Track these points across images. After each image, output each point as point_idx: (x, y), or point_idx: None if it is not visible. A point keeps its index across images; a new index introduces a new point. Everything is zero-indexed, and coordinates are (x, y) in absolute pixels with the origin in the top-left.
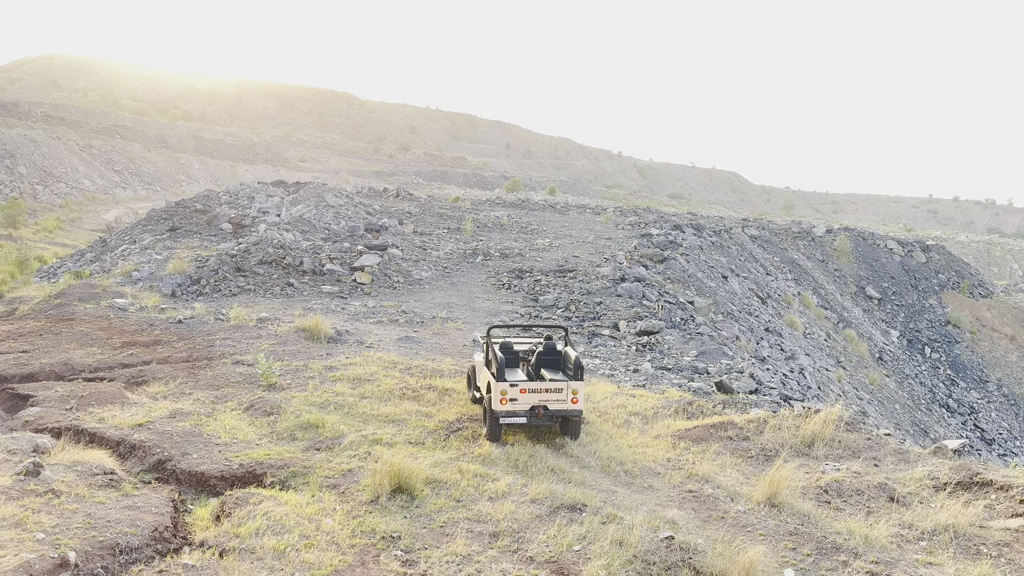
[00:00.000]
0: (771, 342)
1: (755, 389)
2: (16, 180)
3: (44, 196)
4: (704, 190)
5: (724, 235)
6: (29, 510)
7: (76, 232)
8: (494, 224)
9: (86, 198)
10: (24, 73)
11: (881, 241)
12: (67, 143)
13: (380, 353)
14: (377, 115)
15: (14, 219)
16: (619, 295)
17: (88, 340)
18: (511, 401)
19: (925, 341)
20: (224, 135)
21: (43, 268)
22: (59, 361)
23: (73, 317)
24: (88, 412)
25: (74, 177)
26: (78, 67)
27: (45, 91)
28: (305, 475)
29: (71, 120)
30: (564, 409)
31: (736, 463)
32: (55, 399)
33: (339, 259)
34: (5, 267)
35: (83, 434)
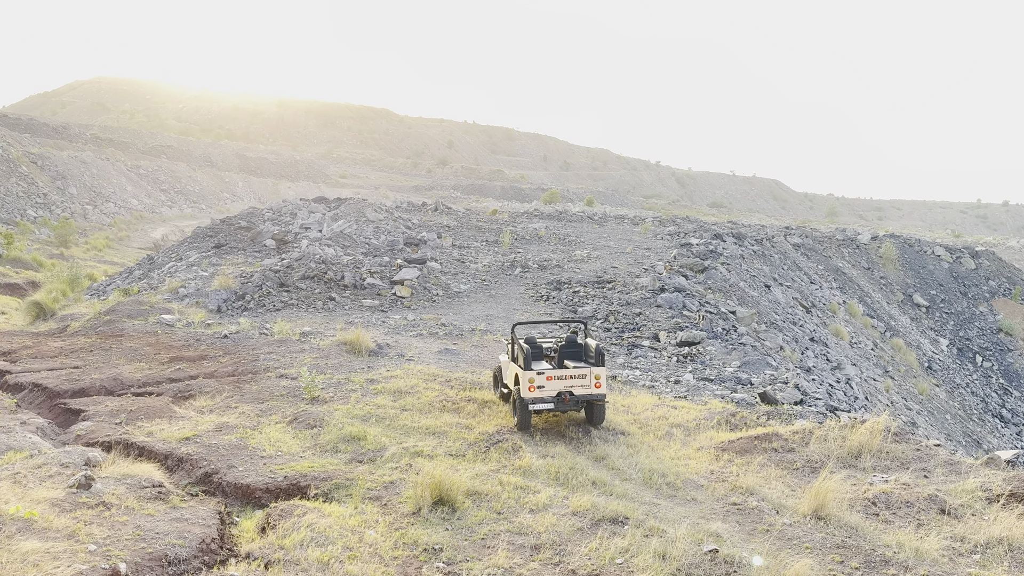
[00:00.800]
0: (816, 352)
1: (800, 400)
2: (67, 201)
3: (94, 216)
4: (745, 198)
5: (766, 244)
6: (81, 522)
7: (124, 250)
8: (532, 236)
9: (134, 217)
10: (74, 97)
11: (928, 248)
12: (115, 164)
13: (420, 366)
14: (415, 130)
15: (65, 238)
16: (659, 306)
17: (137, 355)
18: (539, 388)
19: (976, 350)
20: (267, 153)
21: (93, 286)
22: (109, 376)
23: (122, 333)
24: (137, 426)
25: (122, 197)
26: (125, 89)
27: (94, 114)
28: (348, 487)
29: (119, 141)
30: (588, 394)
31: (781, 475)
32: (105, 414)
33: (379, 273)
34: (57, 285)
35: (132, 448)
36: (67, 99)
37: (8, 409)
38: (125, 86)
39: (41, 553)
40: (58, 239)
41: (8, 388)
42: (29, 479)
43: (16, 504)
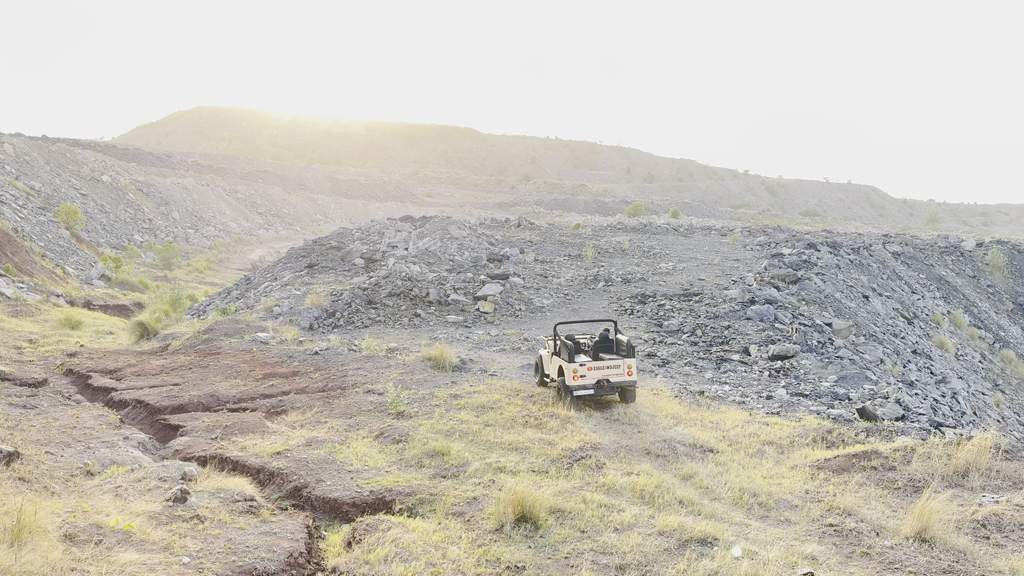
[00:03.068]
0: (919, 365)
1: (902, 415)
2: (171, 225)
3: (195, 239)
4: (839, 206)
5: (863, 252)
6: (176, 535)
7: (224, 271)
8: (615, 249)
9: (233, 239)
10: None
11: None
12: (215, 189)
13: (503, 381)
14: (499, 148)
15: (169, 261)
16: (749, 318)
17: (233, 372)
18: (581, 377)
19: None
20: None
21: (193, 306)
22: (206, 393)
23: (219, 351)
24: (231, 441)
25: (221, 220)
26: (224, 118)
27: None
28: (432, 502)
29: (218, 167)
30: (622, 381)
31: (881, 495)
32: (202, 429)
33: (463, 289)
34: (160, 306)
35: (226, 462)
36: (170, 128)
37: (113, 425)
38: (223, 114)
39: (138, 565)
40: (162, 262)
41: (113, 404)
42: (130, 492)
43: (116, 516)
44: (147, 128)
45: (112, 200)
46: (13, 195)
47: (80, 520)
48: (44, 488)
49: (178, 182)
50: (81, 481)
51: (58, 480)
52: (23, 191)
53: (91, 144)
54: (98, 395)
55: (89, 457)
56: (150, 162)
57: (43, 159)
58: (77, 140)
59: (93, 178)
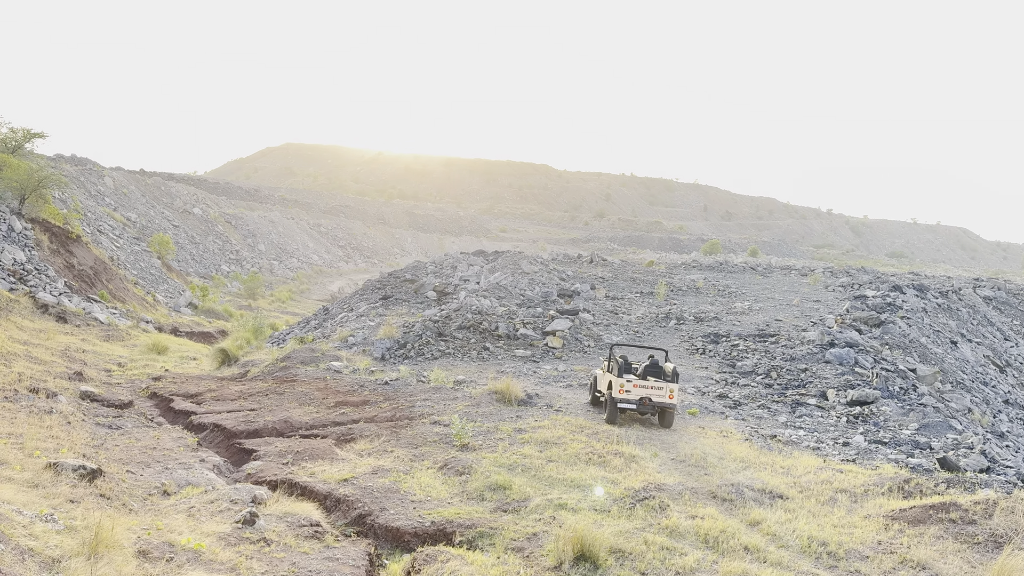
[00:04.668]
0: (1011, 415)
1: (987, 467)
2: (256, 256)
3: (279, 270)
4: (928, 248)
5: (952, 296)
6: (243, 556)
7: (305, 302)
8: (689, 287)
9: (314, 271)
10: (265, 162)
11: None
12: (299, 222)
13: (568, 417)
14: (573, 184)
15: (254, 291)
16: (827, 361)
17: (306, 400)
18: (626, 392)
19: None
20: (433, 210)
21: (274, 334)
22: (280, 419)
23: (295, 379)
24: (301, 467)
25: (304, 252)
26: (310, 154)
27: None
28: (491, 536)
29: (303, 202)
30: (663, 402)
31: (959, 549)
32: (274, 454)
33: (532, 324)
34: (242, 334)
35: (295, 487)
36: (259, 164)
37: (190, 447)
38: (310, 151)
39: None
40: (247, 291)
41: (192, 428)
42: (202, 513)
43: (188, 536)
44: (237, 163)
45: (202, 232)
46: (111, 225)
47: (154, 537)
48: (123, 505)
49: (264, 215)
50: (158, 500)
51: (136, 498)
52: (120, 222)
53: (184, 178)
54: (179, 418)
55: (167, 477)
56: (239, 196)
57: (139, 191)
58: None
59: (185, 210)
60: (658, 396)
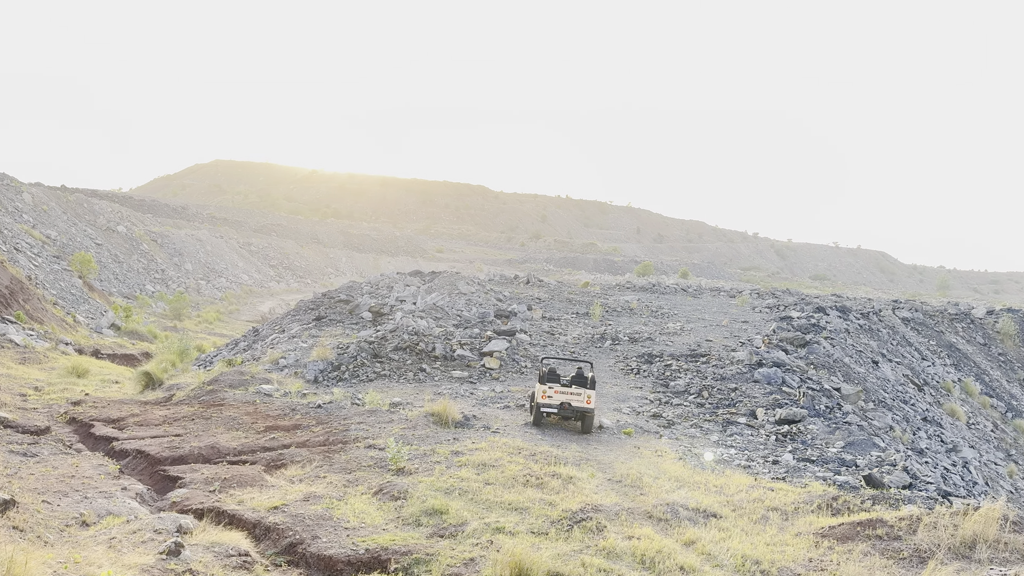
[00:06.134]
0: (930, 433)
1: (909, 484)
2: (183, 276)
3: (207, 290)
4: (849, 271)
5: (873, 318)
6: None
7: (233, 323)
8: (623, 308)
9: (244, 291)
10: (194, 179)
11: None
12: (228, 241)
13: (506, 439)
14: (510, 206)
15: (179, 312)
16: (756, 381)
17: (235, 424)
18: (548, 397)
19: None
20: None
21: (201, 357)
22: (207, 444)
23: (223, 403)
24: (229, 494)
25: (233, 272)
26: (241, 172)
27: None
28: (428, 562)
29: (233, 220)
30: (581, 407)
31: (885, 565)
32: (201, 481)
33: (469, 345)
34: (167, 356)
35: (223, 515)
36: (187, 181)
37: (112, 475)
38: (241, 168)
39: None
40: (173, 312)
41: (114, 454)
42: (124, 544)
43: (108, 568)
44: (165, 180)
45: (126, 250)
46: (29, 243)
47: (71, 571)
48: (38, 538)
49: (192, 234)
50: (76, 531)
51: (53, 530)
52: (39, 240)
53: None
54: (99, 444)
55: (86, 507)
56: (166, 214)
57: (60, 208)
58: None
59: (109, 228)
60: (576, 401)
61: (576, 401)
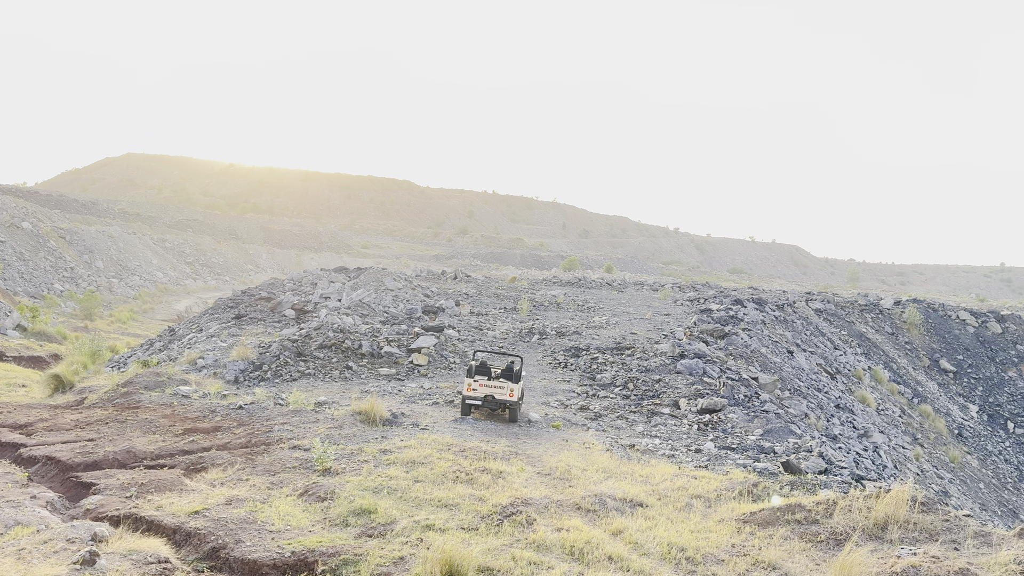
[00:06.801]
0: (842, 419)
1: (825, 469)
2: (93, 274)
3: (119, 289)
4: (765, 264)
5: (788, 309)
6: None
7: (148, 322)
8: (550, 303)
9: (159, 289)
10: (104, 173)
11: (953, 312)
12: (142, 238)
13: (435, 435)
14: (436, 201)
15: (90, 311)
16: (679, 372)
17: (151, 428)
18: (473, 390)
19: (1007, 416)
20: (291, 226)
21: (114, 358)
22: (122, 449)
23: (138, 405)
24: (147, 500)
25: (148, 270)
26: (154, 165)
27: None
28: (356, 563)
29: (146, 216)
30: (505, 399)
31: (805, 548)
32: (116, 487)
33: (397, 341)
34: (78, 358)
35: (141, 522)
36: (97, 175)
37: (20, 483)
38: (154, 162)
39: None
40: (83, 312)
41: (22, 461)
42: (33, 555)
43: None
44: (73, 174)
45: (32, 247)
46: None
47: None
48: None
49: (103, 230)
50: None
51: None
52: None
53: (12, 189)
54: (5, 451)
55: None
56: (74, 209)
57: None
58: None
59: (12, 224)
60: (500, 394)
61: (500, 394)
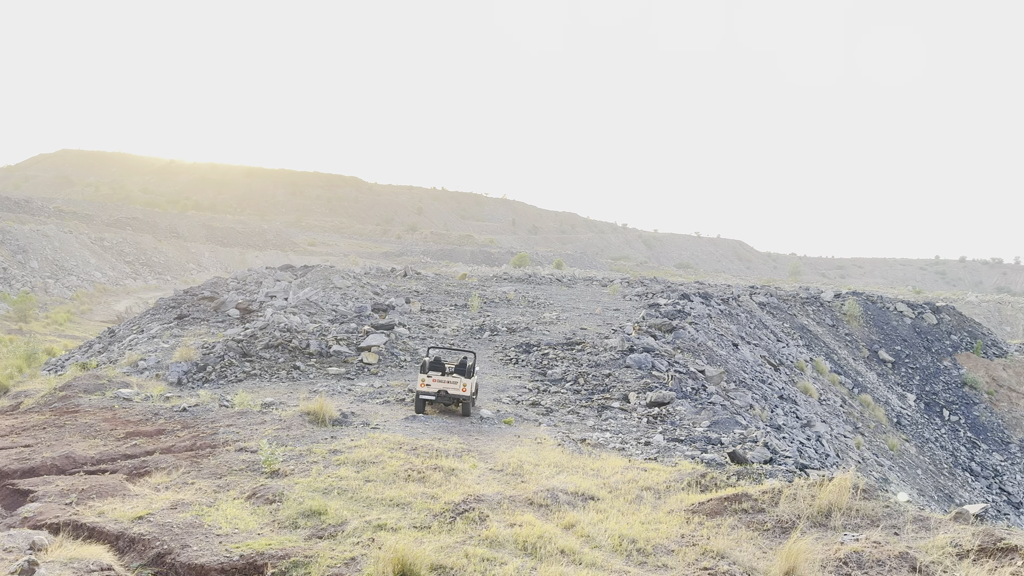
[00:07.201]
0: (786, 409)
1: (770, 459)
2: (28, 275)
3: (55, 289)
4: (710, 259)
5: (732, 303)
6: None
7: (86, 324)
8: (501, 299)
9: (97, 290)
10: (38, 170)
11: (890, 304)
12: (78, 237)
13: (386, 434)
14: (385, 197)
15: (25, 313)
16: (628, 366)
17: (91, 432)
18: (427, 386)
19: (943, 404)
20: (234, 223)
21: (51, 361)
22: (61, 455)
23: (77, 409)
24: (88, 506)
25: (85, 270)
26: (91, 162)
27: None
28: (307, 565)
29: (83, 214)
30: (458, 394)
31: (752, 537)
32: (55, 494)
33: (346, 340)
34: (12, 361)
35: (82, 529)
36: (31, 173)
37: None
38: (90, 159)
39: None
40: (17, 314)
41: None
42: None
43: None
44: (5, 172)
45: None
46: None
47: None
48: None
49: (38, 229)
50: None
51: None
52: None
53: None
54: None
55: None
56: (7, 208)
57: None
58: None
59: None
60: (453, 389)
61: (453, 389)
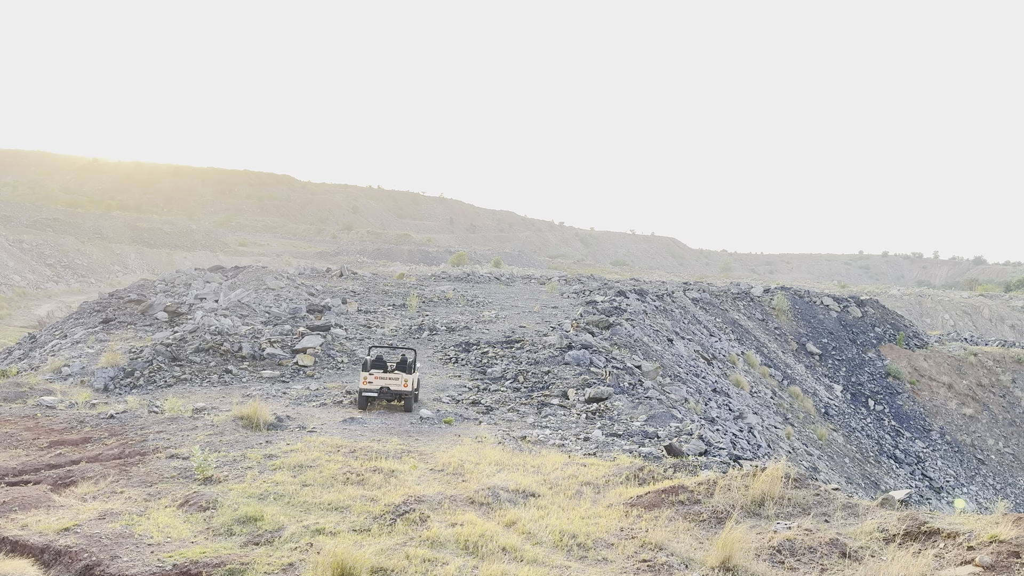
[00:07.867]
0: (719, 402)
1: (705, 451)
2: None
3: None
4: (645, 256)
5: (667, 299)
6: None
7: (5, 329)
8: (440, 298)
9: (16, 294)
10: None
11: (817, 298)
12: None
13: (323, 437)
14: (319, 196)
15: None
16: (567, 363)
17: (12, 442)
18: (369, 383)
19: (868, 394)
20: (161, 223)
21: None
22: None
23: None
24: (10, 519)
25: (3, 273)
26: (8, 161)
27: None
28: (243, 572)
29: (1, 215)
30: (399, 390)
31: (689, 528)
32: None
33: (280, 342)
34: None
35: (4, 542)
36: None
37: None
38: (7, 157)
39: None
40: None
41: None
42: None
43: None
44: None
45: None
46: None
47: None
48: None
49: None
50: None
51: None
52: None
53: None
54: None
55: None
56: None
57: None
58: None
59: None
60: (395, 385)
61: (395, 385)
